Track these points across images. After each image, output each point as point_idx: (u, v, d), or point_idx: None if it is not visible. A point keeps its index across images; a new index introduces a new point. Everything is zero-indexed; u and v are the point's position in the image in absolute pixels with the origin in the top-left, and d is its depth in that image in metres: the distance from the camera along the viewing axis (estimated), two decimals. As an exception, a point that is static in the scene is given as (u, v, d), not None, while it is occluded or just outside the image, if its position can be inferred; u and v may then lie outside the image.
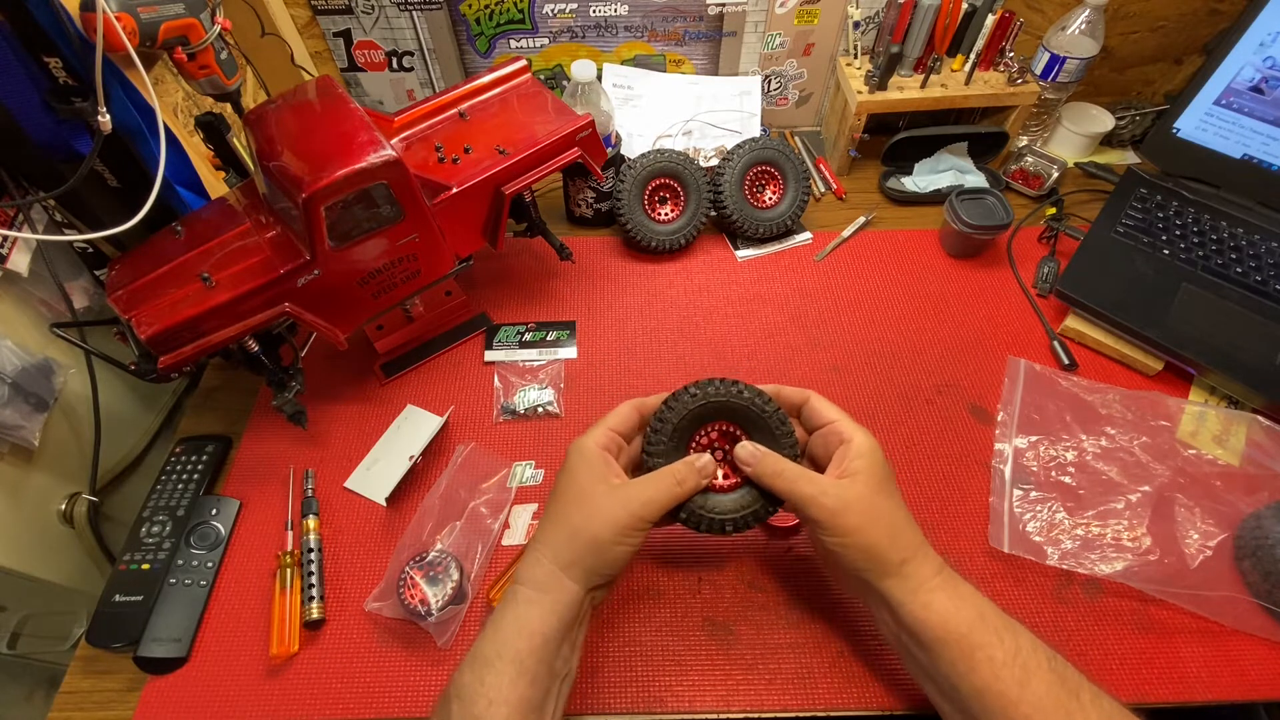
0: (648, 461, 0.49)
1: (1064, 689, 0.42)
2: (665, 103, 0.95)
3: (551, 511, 0.49)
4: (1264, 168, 0.79)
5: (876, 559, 0.45)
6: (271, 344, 0.64)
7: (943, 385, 0.73)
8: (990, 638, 0.43)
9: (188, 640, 0.57)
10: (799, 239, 0.87)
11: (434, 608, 0.54)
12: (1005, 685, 0.41)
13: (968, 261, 0.85)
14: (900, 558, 0.45)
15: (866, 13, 0.89)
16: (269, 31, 0.83)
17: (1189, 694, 0.54)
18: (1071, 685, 0.42)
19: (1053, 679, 0.42)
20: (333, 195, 0.55)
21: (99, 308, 0.72)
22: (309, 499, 0.64)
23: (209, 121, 0.68)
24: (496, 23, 0.90)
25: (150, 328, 0.55)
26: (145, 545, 0.61)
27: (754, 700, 0.54)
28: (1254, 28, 0.75)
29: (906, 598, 0.45)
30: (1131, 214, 0.81)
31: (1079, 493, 0.63)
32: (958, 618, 0.44)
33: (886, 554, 0.45)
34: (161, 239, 0.62)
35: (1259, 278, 0.74)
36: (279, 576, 0.59)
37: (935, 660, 0.44)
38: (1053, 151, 0.93)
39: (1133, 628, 0.57)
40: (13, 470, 0.64)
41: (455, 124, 0.71)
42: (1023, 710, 0.41)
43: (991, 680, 0.42)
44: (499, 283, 0.83)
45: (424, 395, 0.73)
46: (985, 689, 0.42)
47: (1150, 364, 0.72)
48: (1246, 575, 0.57)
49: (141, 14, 0.55)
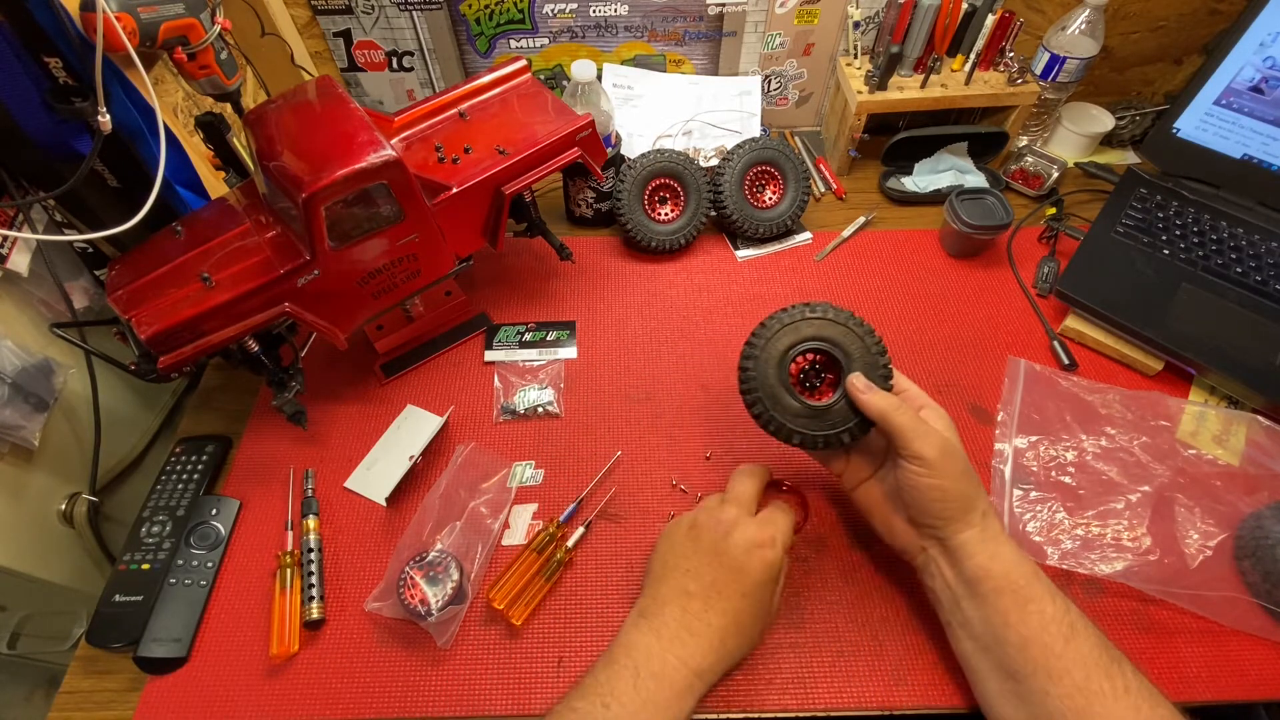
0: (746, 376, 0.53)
1: (1107, 654, 0.44)
2: (665, 103, 0.95)
3: (730, 611, 0.49)
4: (1264, 168, 0.79)
5: (964, 504, 0.48)
6: (271, 344, 0.64)
7: (943, 385, 0.73)
8: (1044, 592, 0.46)
9: (188, 640, 0.57)
10: (799, 239, 0.87)
11: (434, 608, 0.54)
12: (1051, 638, 0.44)
13: (968, 261, 0.85)
14: (981, 508, 0.49)
15: (866, 13, 0.89)
16: (269, 31, 0.83)
17: (1189, 694, 0.54)
18: (1115, 653, 0.44)
19: (1097, 642, 0.44)
20: (333, 195, 0.55)
21: (99, 308, 0.72)
22: (309, 499, 0.64)
23: (209, 121, 0.68)
24: (496, 23, 0.90)
25: (150, 328, 0.55)
26: (145, 545, 0.61)
27: (753, 700, 0.54)
28: (1254, 28, 0.75)
29: (978, 547, 0.47)
30: (1131, 214, 0.81)
31: (1079, 493, 0.63)
32: (1019, 570, 0.47)
33: (974, 500, 0.48)
34: (161, 239, 0.62)
35: (1259, 278, 0.74)
36: (279, 576, 0.59)
37: (988, 611, 0.46)
38: (1053, 151, 0.93)
39: (1133, 628, 0.57)
40: (13, 470, 0.64)
41: (455, 124, 0.71)
42: (1064, 663, 0.43)
43: (1039, 631, 0.44)
44: (499, 283, 0.83)
45: (424, 395, 0.73)
46: (1032, 639, 0.44)
47: (1150, 364, 0.72)
48: (1246, 575, 0.57)
49: (141, 14, 0.55)
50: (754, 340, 0.54)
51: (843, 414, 0.52)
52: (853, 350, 0.52)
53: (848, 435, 0.52)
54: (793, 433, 0.52)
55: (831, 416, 0.52)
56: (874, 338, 0.53)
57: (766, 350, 0.53)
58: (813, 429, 0.52)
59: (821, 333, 0.53)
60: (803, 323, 0.53)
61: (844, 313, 0.53)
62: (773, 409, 0.53)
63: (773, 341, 0.53)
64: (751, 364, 0.53)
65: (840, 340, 0.52)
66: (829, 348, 0.53)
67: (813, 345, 0.53)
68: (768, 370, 0.53)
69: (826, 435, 0.52)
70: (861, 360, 0.52)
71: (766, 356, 0.53)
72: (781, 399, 0.52)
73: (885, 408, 0.49)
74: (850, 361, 0.52)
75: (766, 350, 0.53)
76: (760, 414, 0.53)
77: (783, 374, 0.53)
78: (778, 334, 0.53)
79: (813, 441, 0.53)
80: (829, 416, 0.52)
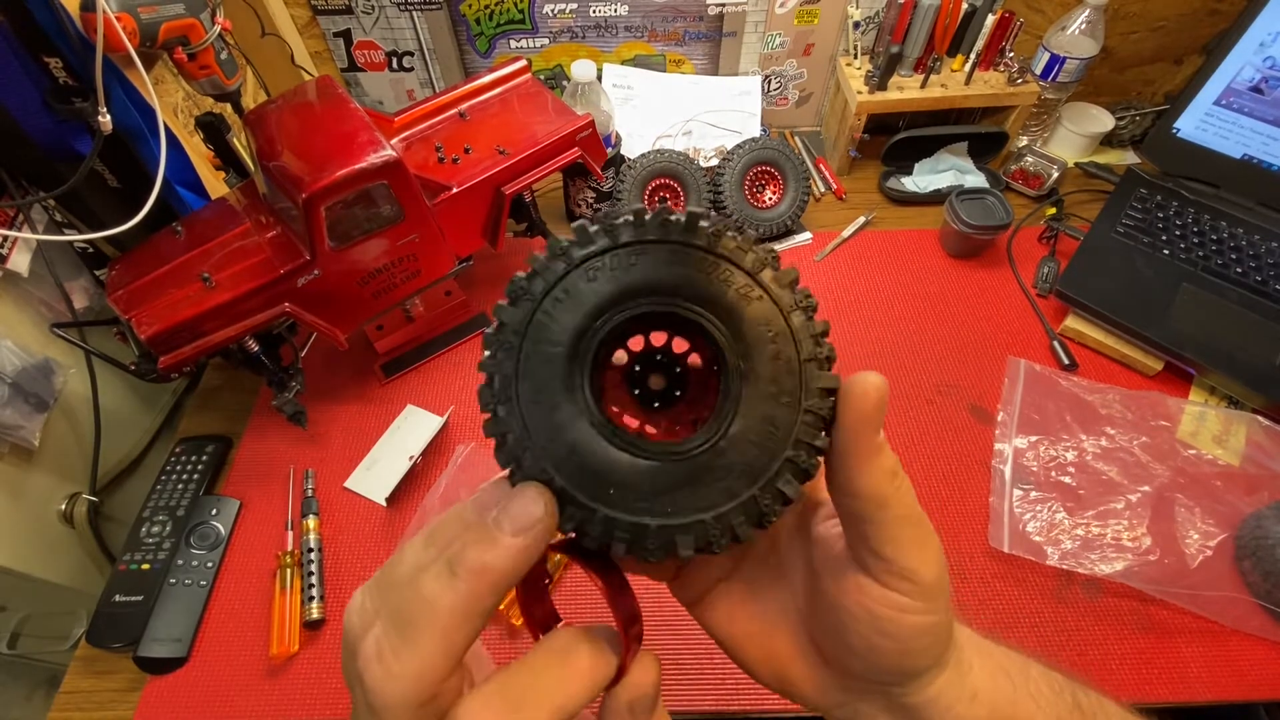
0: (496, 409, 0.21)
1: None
2: (665, 103, 0.95)
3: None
4: (1264, 168, 0.79)
5: (947, 641, 0.26)
6: (271, 344, 0.64)
7: (943, 385, 0.73)
8: (1027, 703, 0.29)
9: (188, 640, 0.57)
10: (799, 239, 0.87)
11: (434, 608, 0.54)
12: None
13: (968, 261, 0.85)
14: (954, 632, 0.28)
15: (866, 13, 0.89)
16: (269, 31, 0.83)
17: (1189, 694, 0.54)
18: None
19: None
20: (333, 195, 0.55)
21: (99, 308, 0.72)
22: (309, 499, 0.64)
23: (209, 121, 0.68)
24: (496, 23, 0.90)
25: (150, 328, 0.55)
26: (145, 545, 0.61)
27: (754, 700, 0.54)
28: (1254, 28, 0.75)
29: (954, 693, 0.27)
30: (1131, 214, 0.81)
31: (1079, 493, 0.63)
32: (997, 694, 0.29)
33: (952, 627, 0.27)
34: (161, 239, 0.62)
35: (1259, 278, 0.74)
36: (279, 576, 0.59)
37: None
38: (1053, 151, 0.93)
39: (1133, 628, 0.57)
40: (13, 470, 0.64)
41: (455, 124, 0.71)
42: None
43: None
44: (499, 283, 0.83)
45: (424, 395, 0.73)
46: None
47: (1150, 364, 0.72)
48: (1246, 575, 0.57)
49: (141, 14, 0.55)
50: (522, 286, 0.22)
51: (743, 468, 0.21)
52: (760, 334, 0.22)
53: (754, 522, 0.22)
54: (617, 526, 0.21)
55: (716, 476, 0.21)
56: (807, 305, 0.23)
57: (553, 314, 0.22)
58: (671, 511, 0.21)
59: (684, 283, 0.22)
60: (632, 252, 0.22)
61: (725, 226, 0.22)
62: (561, 466, 0.21)
63: (569, 292, 0.22)
64: (507, 344, 0.21)
65: (734, 306, 0.22)
66: (707, 322, 0.22)
67: (667, 310, 0.22)
68: (547, 361, 0.21)
69: (709, 526, 0.21)
70: (780, 360, 0.22)
71: (549, 329, 0.21)
72: (584, 439, 0.21)
73: (885, 485, 0.23)
74: (751, 358, 0.22)
75: (553, 314, 0.22)
76: (530, 471, 0.21)
77: (585, 375, 0.22)
78: (578, 274, 0.22)
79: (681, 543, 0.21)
80: (707, 476, 0.21)
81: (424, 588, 0.20)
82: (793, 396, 0.22)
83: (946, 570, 0.25)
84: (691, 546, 0.21)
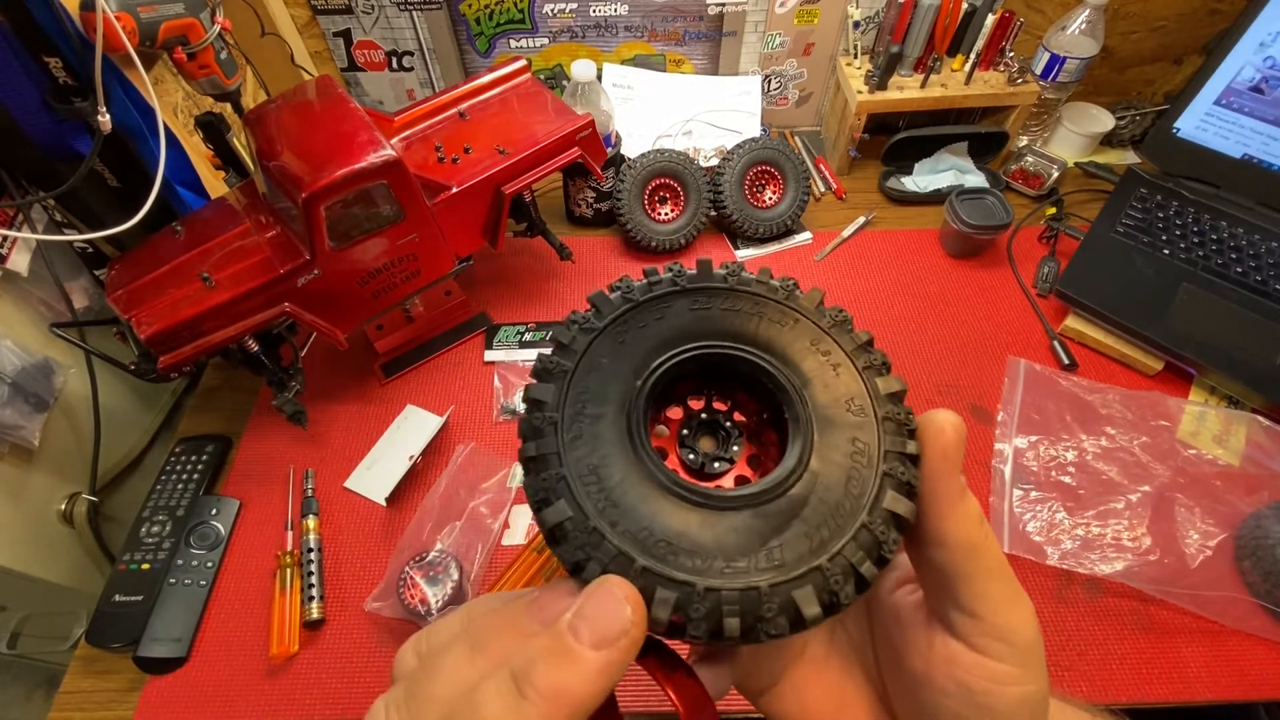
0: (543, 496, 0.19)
1: None
2: (665, 103, 0.95)
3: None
4: (1264, 168, 0.79)
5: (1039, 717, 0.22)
6: (271, 344, 0.64)
7: (943, 385, 0.73)
8: None
9: (188, 640, 0.57)
10: (799, 239, 0.87)
11: (434, 608, 0.54)
12: None
13: (968, 261, 0.85)
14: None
15: (866, 13, 0.89)
16: (269, 31, 0.83)
17: (1189, 694, 0.54)
18: None
19: None
20: (333, 195, 0.55)
21: (99, 308, 0.72)
22: (309, 499, 0.64)
23: (209, 121, 0.68)
24: (496, 23, 0.90)
25: (150, 328, 0.55)
26: (145, 545, 0.61)
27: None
28: (1254, 28, 0.75)
29: None
30: (1131, 214, 0.81)
31: (1079, 493, 0.63)
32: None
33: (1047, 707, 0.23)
34: (161, 239, 0.62)
35: (1259, 278, 0.74)
36: (279, 576, 0.59)
37: None
38: (1053, 151, 0.93)
39: (1133, 628, 0.57)
40: (13, 470, 0.64)
41: (455, 124, 0.71)
42: None
43: None
44: (499, 283, 0.83)
45: (424, 395, 0.73)
46: None
47: (1150, 364, 0.72)
48: (1246, 575, 0.57)
49: (141, 14, 0.55)
50: (568, 337, 0.22)
51: (839, 497, 0.20)
52: (808, 353, 0.22)
53: (872, 556, 0.19)
54: (724, 599, 0.18)
55: (814, 511, 0.20)
56: (841, 318, 0.23)
57: (605, 369, 0.21)
58: (780, 564, 0.19)
59: (745, 333, 0.22)
60: (687, 300, 0.22)
61: (787, 286, 0.23)
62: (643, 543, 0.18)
63: (618, 346, 0.22)
64: (546, 408, 0.20)
65: (796, 360, 0.22)
66: (778, 371, 0.22)
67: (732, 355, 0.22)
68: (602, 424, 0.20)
69: (826, 574, 0.19)
70: (855, 417, 0.21)
71: (597, 389, 0.21)
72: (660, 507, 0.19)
73: (975, 532, 0.21)
74: (819, 415, 0.21)
75: (605, 369, 0.21)
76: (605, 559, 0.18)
77: (641, 435, 0.20)
78: (624, 326, 0.22)
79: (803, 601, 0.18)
80: (805, 513, 0.20)
81: (484, 709, 0.15)
82: (864, 409, 0.21)
83: (1040, 632, 0.22)
84: (816, 603, 0.18)
